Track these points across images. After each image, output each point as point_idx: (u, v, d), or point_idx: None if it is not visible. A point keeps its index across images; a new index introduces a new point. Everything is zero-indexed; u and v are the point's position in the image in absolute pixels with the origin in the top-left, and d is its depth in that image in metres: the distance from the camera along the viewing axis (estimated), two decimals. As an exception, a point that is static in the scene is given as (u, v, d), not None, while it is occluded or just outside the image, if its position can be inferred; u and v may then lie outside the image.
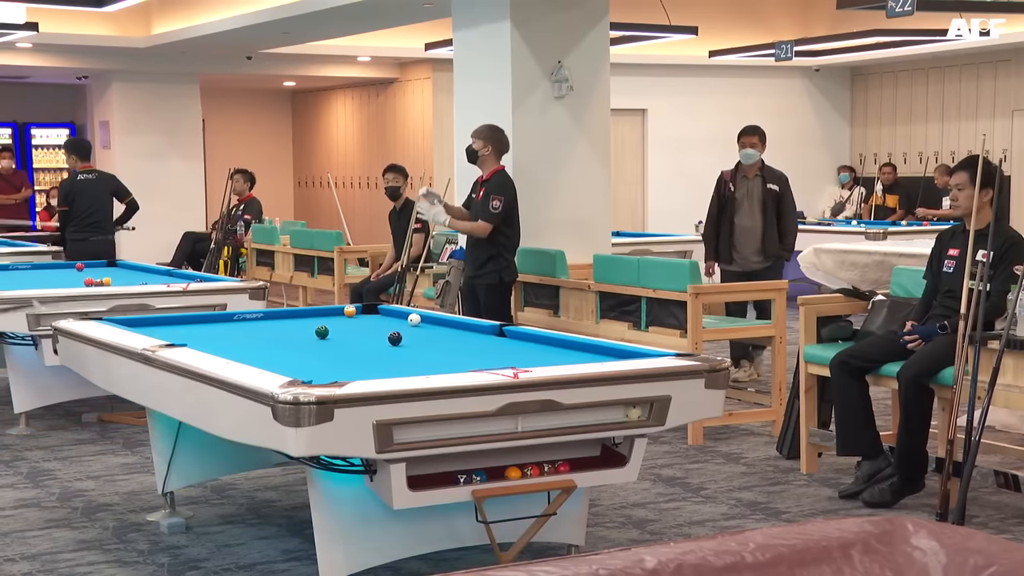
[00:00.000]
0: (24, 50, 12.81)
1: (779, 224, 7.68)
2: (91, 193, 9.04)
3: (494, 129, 7.06)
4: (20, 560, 4.43)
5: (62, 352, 5.05)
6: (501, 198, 6.75)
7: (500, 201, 6.74)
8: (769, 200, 7.72)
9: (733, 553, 1.86)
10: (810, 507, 5.08)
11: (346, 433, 3.38)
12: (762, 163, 7.86)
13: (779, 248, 7.67)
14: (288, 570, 4.31)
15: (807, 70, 14.91)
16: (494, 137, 6.99)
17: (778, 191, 7.75)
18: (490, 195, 6.81)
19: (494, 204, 6.74)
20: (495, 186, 6.84)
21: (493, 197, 6.77)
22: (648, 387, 3.81)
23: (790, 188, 7.87)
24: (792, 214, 7.84)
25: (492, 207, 6.75)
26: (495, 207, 6.73)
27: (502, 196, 6.76)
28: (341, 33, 11.83)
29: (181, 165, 14.33)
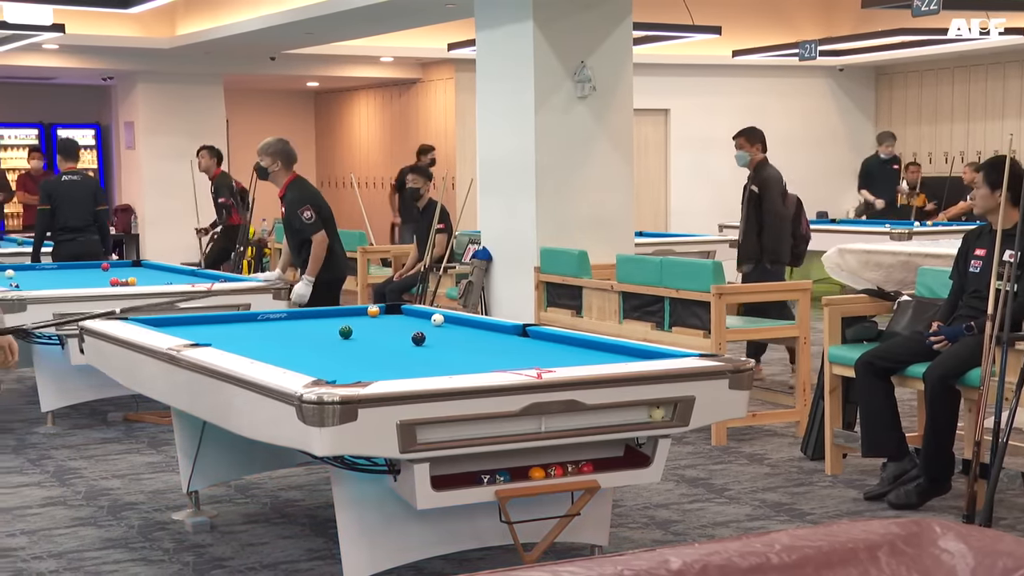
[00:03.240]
0: (51, 51, 12.90)
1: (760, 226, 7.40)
2: (74, 194, 8.91)
3: (279, 141, 6.87)
4: (47, 558, 4.46)
5: (88, 352, 5.08)
6: (308, 206, 6.63)
7: (310, 210, 6.62)
8: (751, 202, 7.49)
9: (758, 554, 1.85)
10: (835, 508, 5.06)
11: (370, 433, 3.38)
12: (758, 164, 7.62)
13: (756, 251, 7.39)
14: (312, 569, 4.32)
15: (831, 70, 14.85)
16: (281, 150, 6.79)
17: (758, 192, 7.50)
18: (296, 210, 6.65)
19: (306, 216, 6.62)
20: (296, 200, 6.66)
21: (301, 211, 6.63)
22: (672, 387, 3.80)
23: (776, 188, 7.51)
24: (771, 215, 7.42)
25: (305, 219, 6.62)
26: (308, 218, 6.61)
27: (308, 206, 6.63)
28: (364, 34, 11.85)
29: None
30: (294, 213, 6.67)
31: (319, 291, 6.72)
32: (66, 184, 8.94)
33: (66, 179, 8.99)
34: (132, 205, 14.51)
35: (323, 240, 6.68)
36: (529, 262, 7.90)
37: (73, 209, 8.87)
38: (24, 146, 14.86)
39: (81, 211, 8.89)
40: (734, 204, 14.19)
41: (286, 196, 6.77)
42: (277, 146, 6.82)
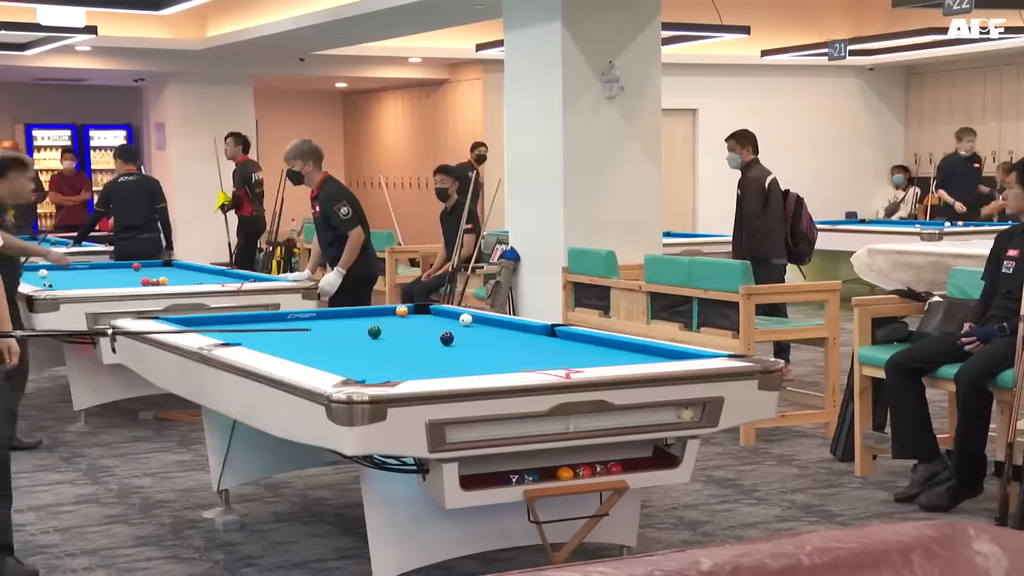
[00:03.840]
0: (83, 53, 13.03)
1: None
2: (129, 194, 9.23)
3: (305, 142, 6.92)
4: (80, 555, 4.51)
5: (120, 351, 5.12)
6: (344, 202, 6.67)
7: (346, 206, 6.66)
8: (737, 203, 7.65)
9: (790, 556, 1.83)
10: (865, 510, 5.03)
11: (399, 432, 3.39)
12: (745, 165, 7.68)
13: (739, 251, 7.47)
14: (341, 568, 4.34)
15: (860, 69, 14.76)
16: (310, 149, 6.83)
17: (739, 194, 7.63)
18: (333, 206, 6.69)
19: (343, 211, 6.66)
20: (331, 196, 6.71)
21: (338, 206, 6.68)
22: (701, 388, 3.79)
23: (754, 189, 7.55)
24: (749, 216, 7.52)
25: (343, 215, 6.66)
26: (345, 214, 6.65)
27: (344, 201, 6.67)
28: (393, 34, 11.90)
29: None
30: (331, 210, 6.70)
31: (351, 288, 6.75)
32: (122, 185, 9.27)
33: (122, 180, 9.31)
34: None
35: (360, 235, 6.72)
36: (557, 262, 7.90)
37: (130, 209, 9.21)
38: (57, 147, 15.01)
39: (137, 210, 9.22)
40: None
41: (320, 194, 6.79)
42: (304, 147, 6.85)
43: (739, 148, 7.72)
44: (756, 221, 7.53)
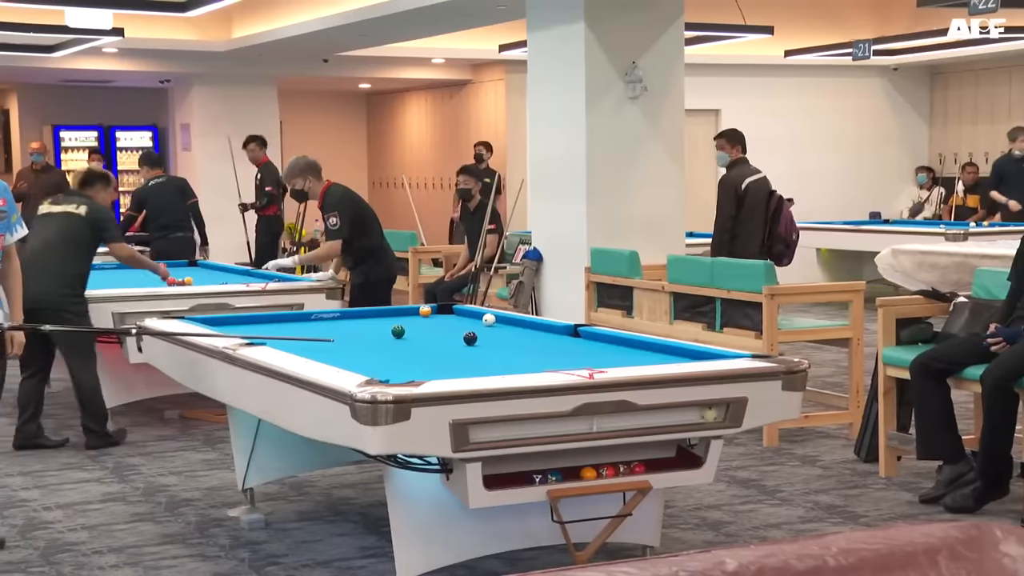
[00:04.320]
0: (110, 55, 13.12)
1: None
2: (160, 196, 9.57)
3: (300, 159, 7.11)
4: (107, 552, 4.54)
5: (146, 350, 5.16)
6: (335, 213, 6.83)
7: (336, 217, 6.83)
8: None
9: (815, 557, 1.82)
10: (889, 511, 5.02)
11: (423, 432, 3.40)
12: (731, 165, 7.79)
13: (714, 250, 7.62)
14: (365, 567, 4.36)
15: (885, 69, 14.69)
16: (307, 165, 7.01)
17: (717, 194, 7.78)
18: (325, 215, 6.96)
19: (331, 221, 6.88)
20: (326, 206, 6.92)
21: (328, 215, 6.91)
22: (724, 388, 3.79)
23: (725, 190, 7.68)
24: (719, 216, 7.72)
25: (330, 225, 6.89)
26: (332, 224, 6.86)
27: (335, 211, 6.83)
28: (416, 35, 11.93)
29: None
30: (326, 220, 6.94)
31: (369, 289, 6.84)
32: (153, 188, 9.62)
33: (152, 183, 9.66)
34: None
35: (335, 247, 6.90)
36: (580, 262, 7.90)
37: (162, 209, 9.55)
38: (83, 148, 15.13)
39: (170, 210, 9.57)
40: (786, 205, 14.11)
41: (323, 205, 6.98)
42: (300, 164, 7.02)
43: (728, 147, 7.80)
44: (726, 222, 7.65)
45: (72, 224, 6.14)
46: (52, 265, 6.00)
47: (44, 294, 5.87)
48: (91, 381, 6.18)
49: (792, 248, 7.82)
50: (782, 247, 7.72)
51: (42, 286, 5.86)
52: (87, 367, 6.18)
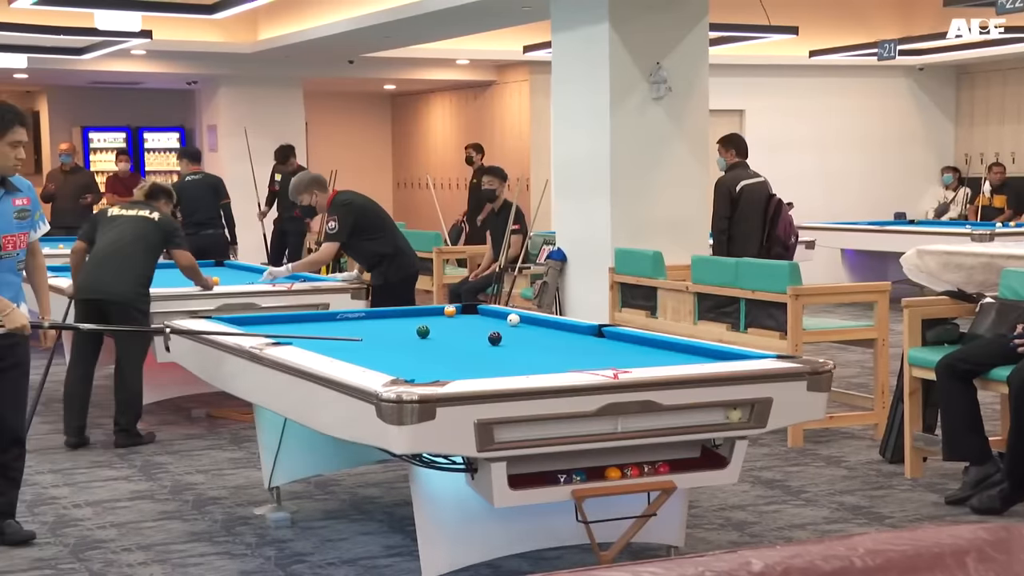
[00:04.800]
0: (138, 57, 13.23)
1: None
2: (195, 193, 9.76)
3: (302, 175, 7.35)
4: (136, 550, 4.59)
5: (174, 349, 5.20)
6: (335, 217, 7.00)
7: (334, 221, 7.00)
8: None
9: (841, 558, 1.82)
10: (915, 512, 5.00)
11: (448, 432, 3.42)
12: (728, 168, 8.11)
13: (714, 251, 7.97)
14: (390, 565, 4.38)
15: (910, 69, 14.61)
16: (311, 180, 7.20)
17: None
18: (327, 221, 7.14)
19: (329, 225, 7.06)
20: (331, 211, 7.08)
21: (328, 219, 7.08)
22: (749, 389, 3.79)
23: (719, 193, 8.03)
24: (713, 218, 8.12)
25: (328, 229, 7.08)
26: (331, 228, 7.03)
27: (335, 215, 7.00)
28: (440, 36, 11.96)
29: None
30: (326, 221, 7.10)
31: (391, 290, 6.92)
32: (188, 184, 9.87)
33: (189, 179, 9.92)
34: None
35: (329, 251, 7.10)
36: (604, 263, 7.91)
37: (195, 206, 9.78)
38: (112, 149, 15.25)
39: (203, 208, 9.82)
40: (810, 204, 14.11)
41: (328, 213, 7.11)
42: (304, 180, 7.22)
43: (723, 152, 8.16)
44: (721, 222, 7.97)
45: (145, 227, 6.31)
46: (126, 263, 6.19)
47: (118, 290, 6.11)
48: (137, 380, 6.30)
49: (791, 250, 8.00)
50: (780, 249, 7.89)
51: (116, 283, 6.12)
52: (137, 366, 6.30)
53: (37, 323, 4.56)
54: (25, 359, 4.63)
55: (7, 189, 4.51)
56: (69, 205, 12.46)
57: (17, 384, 4.62)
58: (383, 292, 6.96)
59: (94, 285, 6.17)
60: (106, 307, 6.10)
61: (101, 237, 6.30)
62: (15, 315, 4.41)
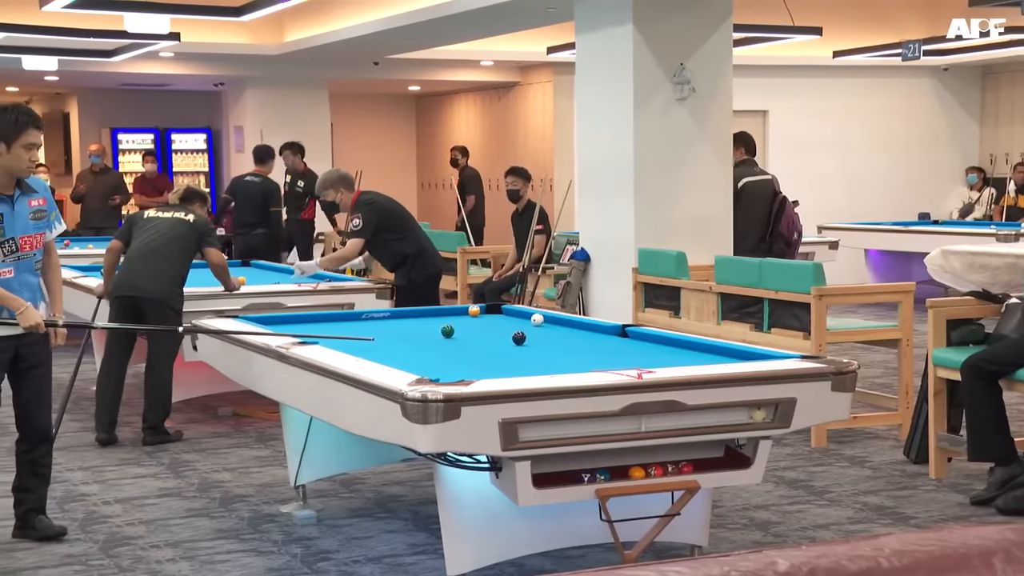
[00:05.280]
0: (166, 59, 13.35)
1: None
2: (248, 195, 10.16)
3: (331, 173, 7.40)
4: (164, 547, 4.64)
5: (201, 348, 5.26)
6: (359, 215, 7.06)
7: (358, 218, 7.06)
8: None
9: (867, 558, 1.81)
10: (940, 513, 5.00)
11: (472, 431, 3.44)
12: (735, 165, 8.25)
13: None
14: (415, 563, 4.41)
15: (935, 69, 14.54)
16: (339, 178, 7.28)
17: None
18: (351, 218, 7.19)
19: (354, 223, 7.11)
20: (355, 209, 7.13)
21: (352, 216, 7.13)
22: (773, 389, 3.80)
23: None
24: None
25: (352, 226, 7.12)
26: (355, 225, 7.08)
27: (359, 214, 7.05)
28: (465, 38, 11.99)
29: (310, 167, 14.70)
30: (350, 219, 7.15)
31: (414, 290, 6.98)
32: (245, 184, 10.27)
33: (247, 179, 10.29)
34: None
35: (355, 247, 7.12)
36: (627, 263, 7.92)
37: (245, 207, 10.17)
38: (140, 150, 15.38)
39: (251, 210, 10.15)
40: (834, 205, 14.07)
41: (352, 212, 7.17)
42: (333, 177, 7.31)
43: (732, 149, 8.28)
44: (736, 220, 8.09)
45: (181, 228, 6.40)
46: (161, 262, 6.27)
47: (153, 288, 6.21)
48: (167, 378, 6.39)
49: (793, 247, 8.17)
50: (783, 245, 8.08)
51: (152, 281, 6.22)
52: (167, 364, 6.37)
53: (52, 321, 4.58)
54: (47, 358, 4.68)
55: (23, 190, 4.55)
56: (98, 205, 12.58)
57: (41, 383, 4.67)
58: (407, 292, 7.02)
59: (130, 283, 6.25)
60: (141, 304, 6.19)
61: (137, 238, 6.39)
62: (29, 313, 4.45)
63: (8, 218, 4.48)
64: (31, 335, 4.51)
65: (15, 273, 4.50)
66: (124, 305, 6.23)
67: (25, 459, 4.73)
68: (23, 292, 4.51)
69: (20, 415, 4.69)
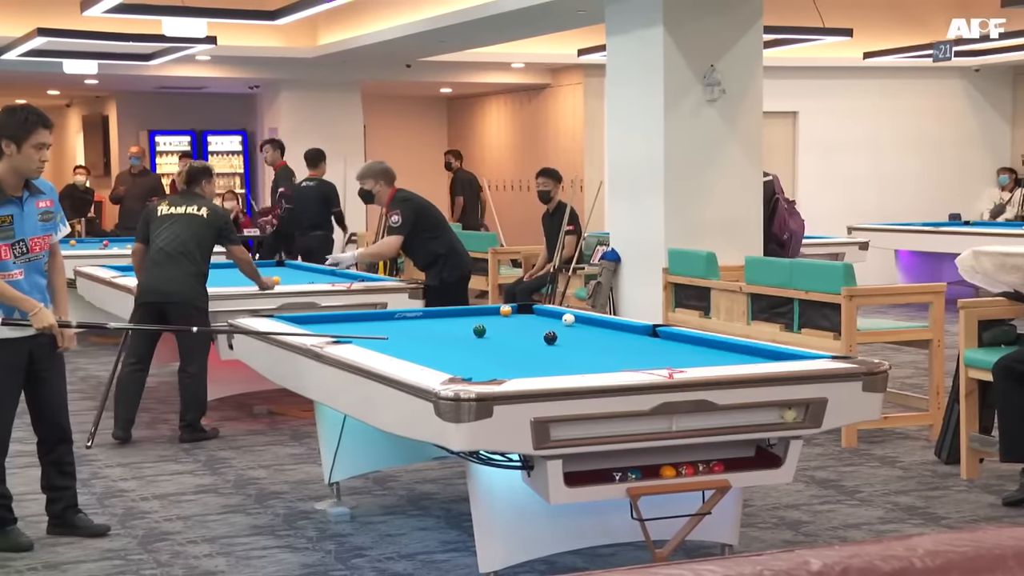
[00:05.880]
0: (203, 62, 13.51)
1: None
2: (308, 198, 10.50)
3: (377, 163, 7.45)
4: (201, 542, 4.72)
5: (237, 347, 5.33)
6: (398, 211, 7.06)
7: (398, 215, 7.06)
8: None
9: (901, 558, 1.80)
10: (971, 513, 5.00)
11: (505, 429, 3.47)
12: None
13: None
14: (447, 560, 4.46)
15: (966, 70, 14.45)
16: (381, 170, 7.31)
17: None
18: (389, 214, 7.21)
19: (393, 219, 7.11)
20: (393, 205, 7.15)
21: (391, 213, 7.14)
22: (804, 389, 3.81)
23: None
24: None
25: (392, 222, 7.12)
26: (394, 221, 7.08)
27: (398, 210, 7.06)
28: (496, 41, 12.04)
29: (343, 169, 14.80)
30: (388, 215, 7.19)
31: (444, 290, 7.02)
32: (304, 189, 10.57)
33: (304, 184, 10.60)
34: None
35: (395, 243, 7.15)
36: (657, 263, 7.95)
37: (306, 210, 10.47)
38: (177, 152, 15.55)
39: (313, 212, 10.47)
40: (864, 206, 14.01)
41: (389, 206, 7.20)
42: (376, 168, 7.36)
43: None
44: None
45: (197, 225, 6.43)
46: (181, 264, 6.33)
47: (177, 291, 6.27)
48: (202, 376, 6.47)
49: (787, 247, 8.34)
50: (775, 246, 8.26)
51: (175, 285, 6.29)
52: (202, 363, 6.45)
53: (65, 322, 4.61)
54: (60, 360, 4.71)
55: (31, 192, 4.57)
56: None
57: (60, 386, 4.73)
58: (438, 292, 7.06)
59: (154, 287, 6.31)
60: (166, 308, 6.27)
61: (155, 237, 6.41)
62: (43, 314, 4.48)
63: (18, 220, 4.50)
64: (42, 337, 4.53)
65: (25, 274, 4.52)
66: (150, 310, 6.28)
67: (48, 460, 4.77)
68: (33, 293, 4.54)
69: (37, 417, 4.72)
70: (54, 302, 4.71)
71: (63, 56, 11.82)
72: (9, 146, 4.47)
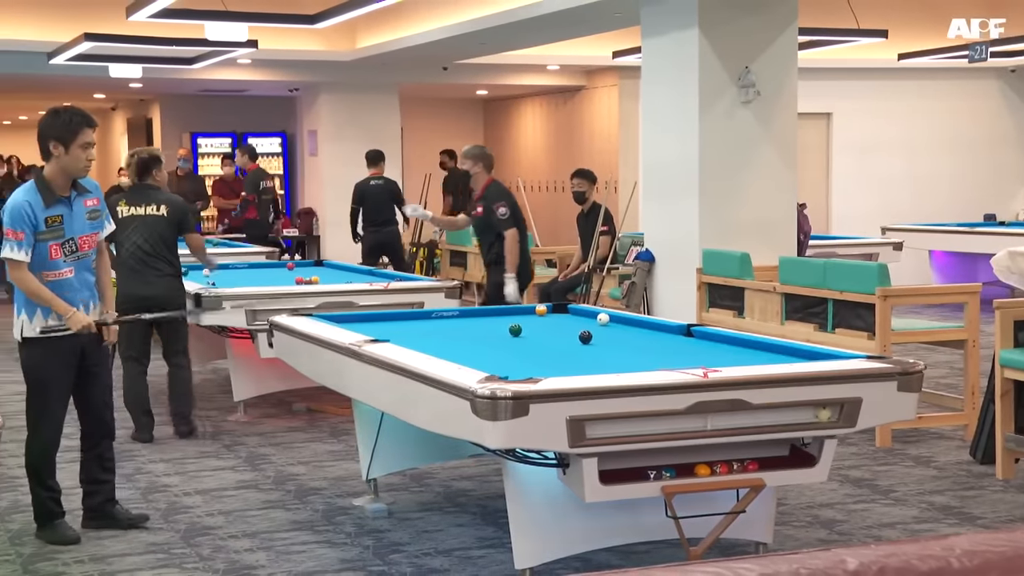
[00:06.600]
0: (244, 66, 13.68)
1: None
2: (375, 195, 10.86)
3: (480, 147, 7.51)
4: (242, 537, 4.80)
5: (277, 346, 5.41)
6: (504, 204, 7.03)
7: (504, 206, 7.03)
8: None
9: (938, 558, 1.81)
10: (1007, 514, 5.00)
11: (540, 427, 3.51)
12: None
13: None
14: (483, 556, 4.51)
15: (1002, 71, 14.35)
16: (482, 154, 7.35)
17: None
18: (493, 205, 7.12)
19: (500, 211, 7.04)
20: (493, 196, 7.12)
21: (497, 205, 7.07)
22: (839, 388, 3.82)
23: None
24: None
25: (500, 214, 7.05)
26: (503, 214, 7.02)
27: (504, 203, 7.03)
28: (533, 43, 12.09)
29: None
30: (491, 209, 7.13)
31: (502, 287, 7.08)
32: (371, 187, 10.91)
33: (372, 183, 10.92)
34: (314, 208, 15.19)
35: (515, 235, 7.12)
36: (691, 263, 7.98)
37: (375, 207, 10.84)
38: (219, 154, 15.73)
39: (381, 208, 10.85)
40: (898, 207, 13.95)
41: (484, 196, 7.20)
42: (477, 151, 7.43)
43: None
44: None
45: (161, 226, 6.42)
46: (159, 264, 6.38)
47: (160, 292, 6.30)
48: (189, 369, 6.58)
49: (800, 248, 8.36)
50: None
51: (159, 286, 6.33)
52: (187, 353, 6.56)
53: (102, 320, 4.70)
54: (105, 356, 4.82)
55: (78, 191, 4.67)
56: None
57: (108, 381, 4.85)
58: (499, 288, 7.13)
59: (136, 293, 6.27)
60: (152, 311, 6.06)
61: (123, 240, 6.34)
62: (77, 317, 4.57)
63: (67, 219, 4.60)
64: (88, 334, 4.63)
65: (75, 272, 4.63)
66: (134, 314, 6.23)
67: (92, 454, 4.87)
68: (83, 291, 4.64)
69: (84, 411, 4.82)
70: (101, 299, 4.80)
71: (109, 60, 12.04)
72: (57, 147, 4.58)
